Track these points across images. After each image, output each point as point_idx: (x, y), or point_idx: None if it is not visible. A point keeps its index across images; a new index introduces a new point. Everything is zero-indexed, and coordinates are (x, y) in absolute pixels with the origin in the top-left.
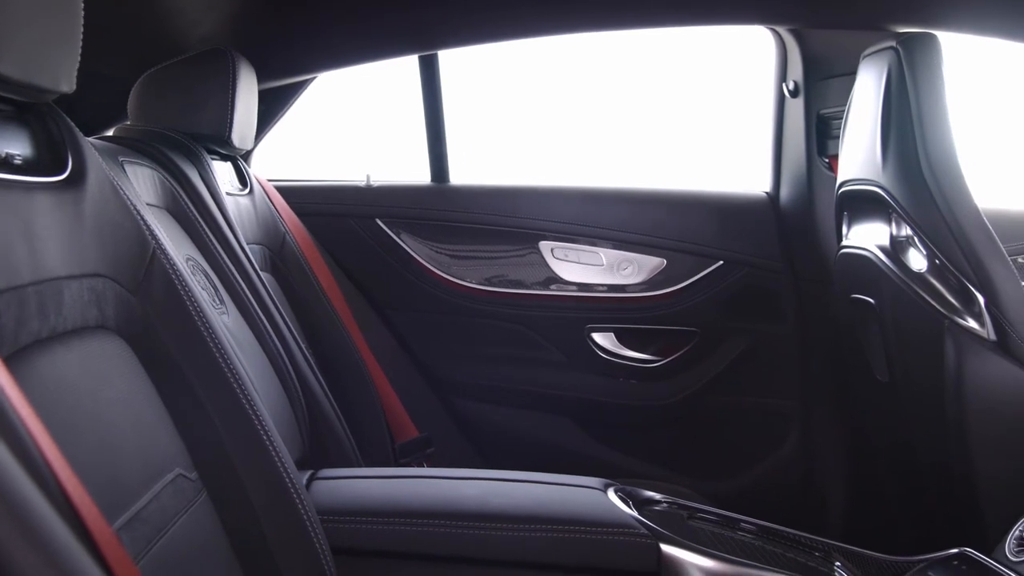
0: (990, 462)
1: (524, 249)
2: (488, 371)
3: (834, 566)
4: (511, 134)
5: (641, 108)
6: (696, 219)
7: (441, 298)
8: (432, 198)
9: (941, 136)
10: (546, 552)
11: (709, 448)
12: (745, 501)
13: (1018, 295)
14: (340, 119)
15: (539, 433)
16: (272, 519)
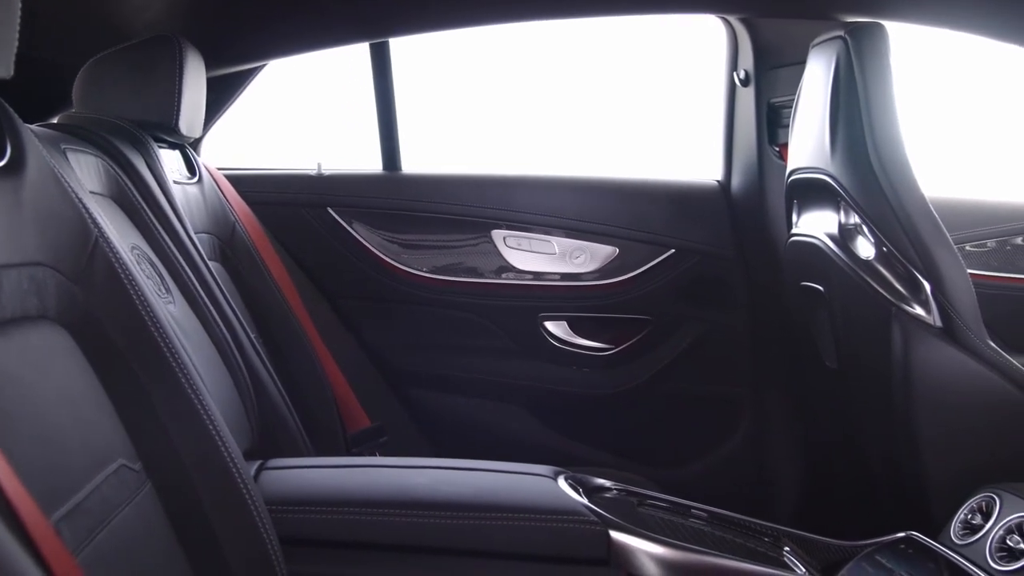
0: (936, 447)
1: (477, 238)
2: (441, 360)
3: (783, 551)
4: (463, 123)
5: (594, 97)
6: (648, 207)
7: (393, 287)
8: (384, 186)
9: (888, 125)
10: (496, 540)
11: (662, 436)
12: (698, 488)
13: (964, 282)
14: (291, 107)
15: (492, 421)
16: (219, 510)
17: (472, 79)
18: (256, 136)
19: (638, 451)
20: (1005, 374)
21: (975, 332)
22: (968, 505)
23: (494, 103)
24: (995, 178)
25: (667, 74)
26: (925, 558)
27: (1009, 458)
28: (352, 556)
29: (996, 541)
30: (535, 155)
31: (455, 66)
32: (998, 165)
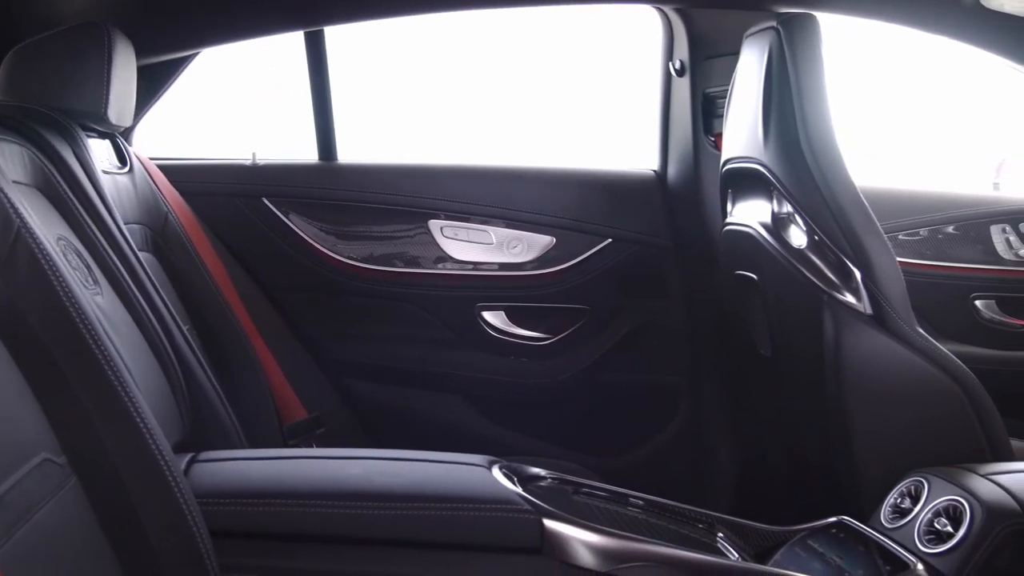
0: (866, 433)
1: (413, 228)
2: (378, 350)
3: (717, 537)
4: (401, 112)
5: (531, 87)
6: (585, 197)
7: (330, 278)
8: (320, 177)
9: (820, 115)
10: (429, 530)
11: (600, 425)
12: (636, 476)
13: (893, 270)
14: (225, 96)
15: (430, 412)
16: (146, 503)
17: (409, 69)
18: (190, 126)
19: (576, 440)
20: (933, 360)
21: (904, 319)
22: (898, 489)
23: (431, 94)
24: (927, 168)
25: (603, 64)
26: (856, 542)
27: (937, 443)
28: (284, 548)
29: (924, 524)
30: (472, 145)
31: (392, 56)
32: (930, 155)
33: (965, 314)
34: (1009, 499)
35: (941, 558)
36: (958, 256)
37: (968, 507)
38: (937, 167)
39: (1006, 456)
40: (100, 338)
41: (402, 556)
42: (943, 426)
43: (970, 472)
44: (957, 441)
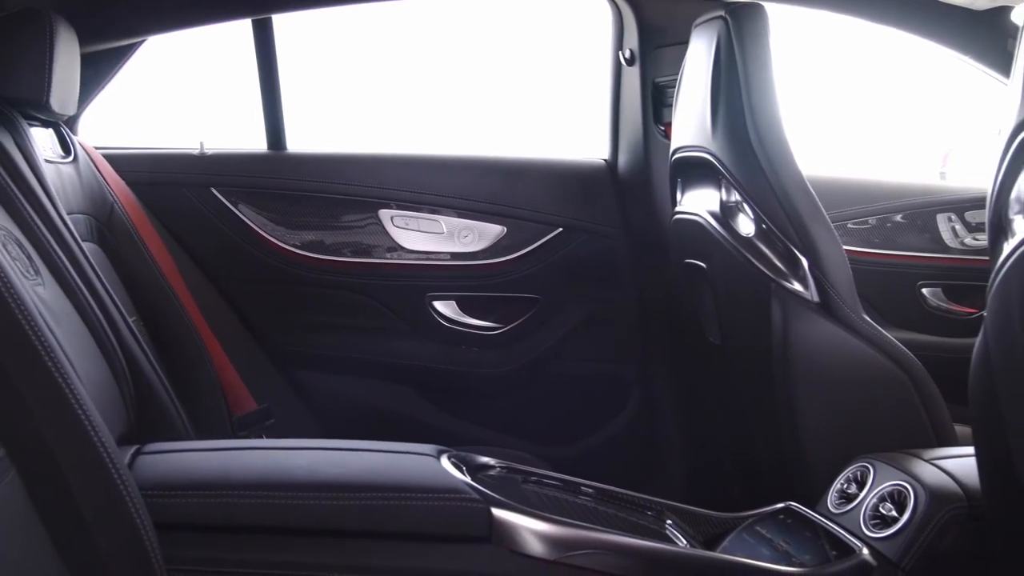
0: (814, 420)
1: (364, 217)
2: (329, 341)
3: (665, 524)
4: (350, 101)
5: (482, 76)
6: (536, 187)
7: (280, 268)
8: (269, 166)
9: (768, 104)
10: (376, 520)
11: (552, 414)
12: (588, 465)
13: (839, 258)
14: (173, 85)
15: (381, 402)
16: (88, 496)
17: (358, 58)
18: (137, 114)
19: (528, 429)
20: (879, 347)
21: (851, 306)
22: (844, 475)
23: (381, 82)
24: (876, 158)
25: (554, 54)
26: (803, 527)
27: (883, 428)
28: (230, 540)
29: (869, 509)
30: (422, 134)
31: (342, 44)
32: (878, 145)
33: (912, 302)
34: (952, 483)
35: (886, 542)
36: (906, 244)
37: (912, 491)
38: (885, 157)
39: (950, 441)
40: (40, 329)
41: (349, 546)
42: (889, 412)
43: (914, 457)
44: (902, 427)
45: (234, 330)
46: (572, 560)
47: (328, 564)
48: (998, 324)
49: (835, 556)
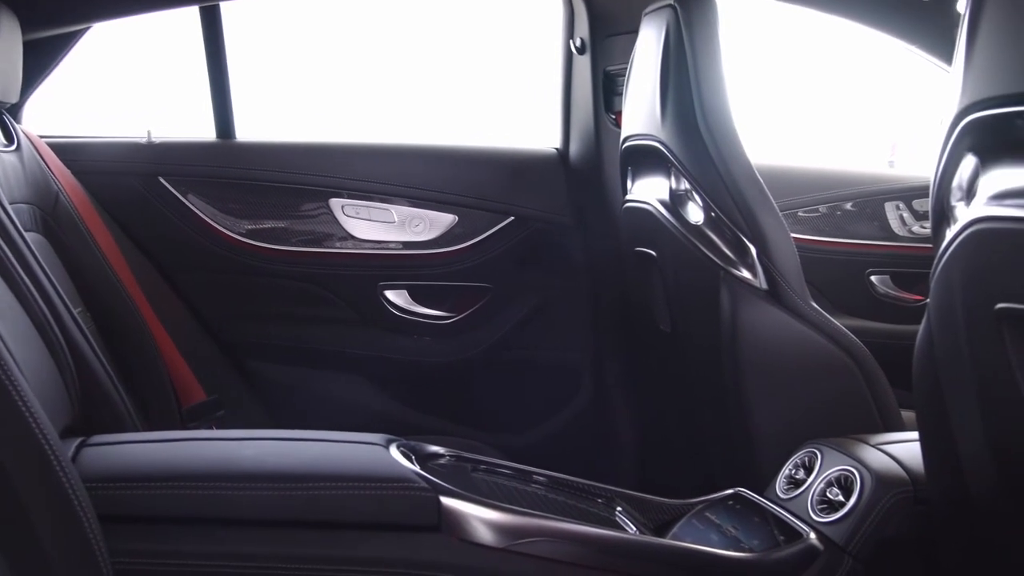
0: (762, 406)
1: (315, 207)
2: (280, 331)
3: (616, 511)
4: (302, 89)
5: (432, 65)
6: (487, 175)
7: (230, 258)
8: (218, 155)
9: (716, 93)
10: (324, 510)
11: (504, 403)
12: (540, 453)
13: (787, 246)
14: (119, 72)
15: (333, 392)
16: (30, 489)
17: (309, 45)
18: (82, 102)
19: (481, 419)
20: (827, 334)
21: (799, 294)
22: (792, 461)
23: (332, 70)
24: (826, 147)
25: (505, 43)
26: (752, 513)
27: (830, 414)
28: (176, 531)
29: (817, 494)
30: (374, 123)
31: (292, 32)
32: (829, 135)
33: (861, 289)
34: (898, 468)
35: (833, 526)
36: (855, 232)
37: (859, 476)
38: (835, 146)
39: (897, 426)
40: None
41: (296, 536)
42: (836, 398)
43: (861, 442)
44: (850, 412)
45: (183, 321)
46: (521, 548)
47: (275, 555)
48: (941, 310)
49: (783, 541)
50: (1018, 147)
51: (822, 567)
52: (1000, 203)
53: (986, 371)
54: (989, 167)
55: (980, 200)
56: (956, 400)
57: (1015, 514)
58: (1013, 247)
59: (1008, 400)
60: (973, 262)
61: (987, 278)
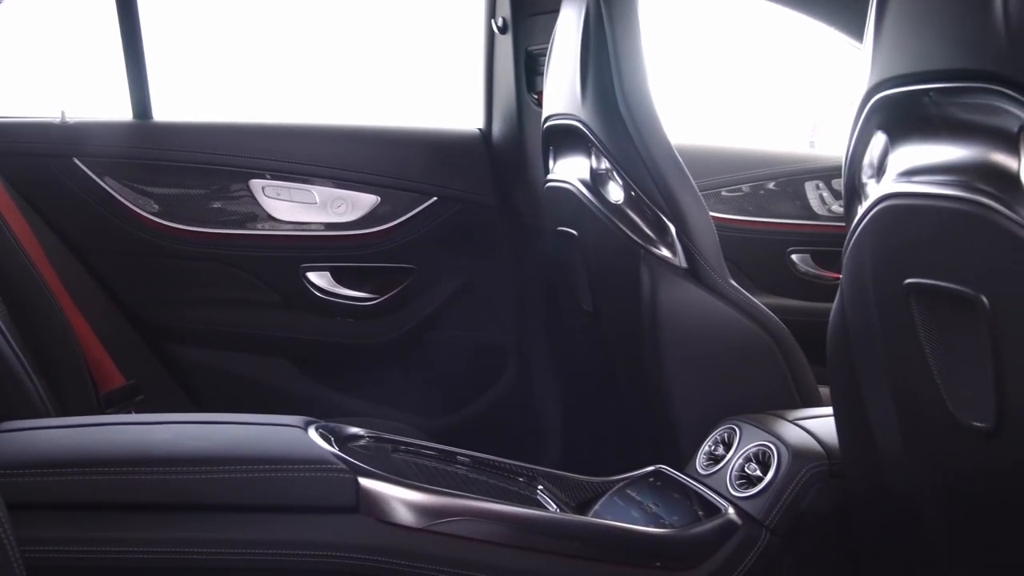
0: (683, 383)
1: (235, 188)
2: (200, 314)
3: (537, 489)
4: (220, 68)
5: (354, 45)
6: (410, 156)
7: (149, 241)
8: (135, 136)
9: (636, 72)
10: (240, 493)
11: (429, 384)
12: (466, 434)
13: (706, 224)
14: (30, 51)
15: (255, 376)
16: None
17: (227, 23)
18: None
19: (406, 400)
20: (745, 311)
21: (718, 272)
22: (712, 437)
23: (251, 49)
24: (749, 127)
25: (427, 23)
26: (672, 489)
27: (749, 391)
28: (88, 518)
29: (736, 470)
30: (295, 104)
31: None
32: (752, 115)
33: (782, 267)
34: (814, 442)
35: (751, 501)
36: (777, 212)
37: (776, 451)
38: (758, 127)
39: (815, 402)
40: None
41: (213, 520)
42: (755, 375)
43: (779, 418)
44: (768, 389)
45: (101, 305)
46: (440, 528)
47: (191, 539)
48: (853, 286)
49: (702, 516)
50: (925, 124)
51: (740, 541)
52: (908, 179)
53: (896, 345)
54: (898, 144)
55: (889, 177)
56: (867, 374)
57: (924, 486)
58: (920, 223)
59: (916, 372)
60: (883, 238)
61: (896, 254)
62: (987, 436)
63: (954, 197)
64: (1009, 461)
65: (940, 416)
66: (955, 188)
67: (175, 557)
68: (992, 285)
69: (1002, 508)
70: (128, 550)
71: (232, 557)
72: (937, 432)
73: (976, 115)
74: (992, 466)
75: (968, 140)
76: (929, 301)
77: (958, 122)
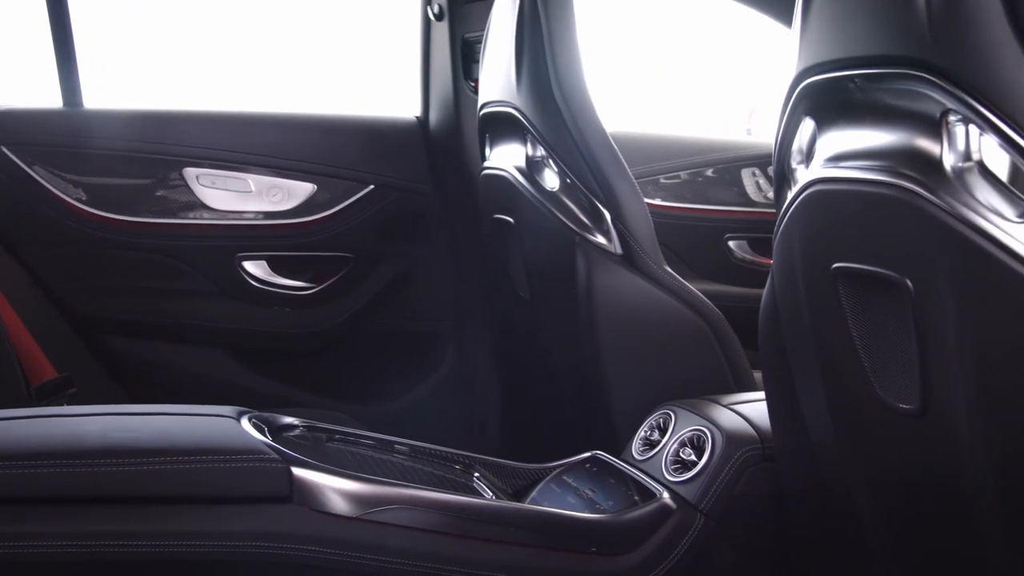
0: (619, 370)
1: (168, 176)
2: (134, 305)
3: (473, 477)
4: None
5: (290, 33)
6: (347, 144)
7: (81, 231)
8: (66, 124)
9: (571, 60)
10: (171, 484)
11: (368, 373)
12: (405, 423)
13: (641, 211)
14: None
15: (192, 367)
16: None
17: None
18: None
19: (345, 390)
20: (680, 298)
21: (652, 258)
22: (648, 423)
23: (184, 35)
24: (687, 114)
25: (362, 9)
26: (608, 475)
27: (685, 376)
28: (15, 513)
29: (671, 455)
30: (229, 91)
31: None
32: (689, 103)
33: (720, 254)
34: (747, 426)
35: (686, 485)
36: (715, 198)
37: (710, 436)
38: (696, 114)
39: (749, 386)
40: None
41: (144, 513)
42: (690, 360)
43: (714, 403)
44: (704, 374)
45: (31, 297)
46: (374, 516)
47: (122, 532)
48: (783, 271)
49: (638, 501)
50: (851, 110)
51: (675, 525)
52: (835, 165)
53: (824, 329)
54: (825, 130)
55: (817, 162)
56: (798, 359)
57: (854, 469)
58: (847, 208)
59: (844, 356)
60: (810, 223)
61: (823, 239)
62: (913, 417)
63: (879, 182)
64: (934, 440)
65: (868, 399)
66: (880, 173)
67: (104, 551)
68: (916, 269)
69: (929, 489)
70: (56, 544)
71: (162, 549)
72: (865, 415)
73: (900, 101)
74: (918, 447)
75: (892, 126)
76: (856, 285)
77: (883, 108)
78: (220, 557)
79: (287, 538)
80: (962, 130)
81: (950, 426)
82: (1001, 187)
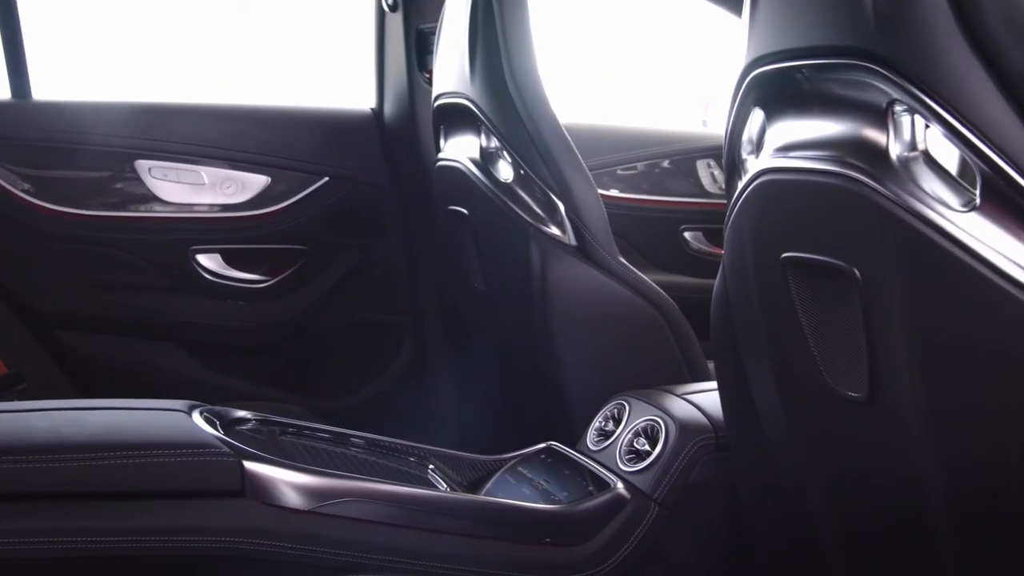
0: (573, 360)
1: (119, 169)
2: (86, 299)
3: (428, 469)
4: (103, 46)
5: (245, 24)
6: (300, 136)
7: (31, 225)
8: (14, 116)
9: (524, 52)
10: (122, 479)
11: (324, 366)
12: (362, 416)
13: (595, 202)
14: None
15: (145, 361)
16: None
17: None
18: None
19: (300, 383)
20: (634, 288)
21: (607, 249)
22: (602, 413)
23: (136, 25)
24: (644, 106)
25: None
26: (563, 465)
27: (639, 366)
28: None
29: (625, 445)
30: (182, 82)
31: None
32: (647, 95)
33: (675, 245)
34: (700, 416)
35: (640, 475)
36: (670, 190)
37: (664, 426)
38: (652, 106)
39: (703, 377)
40: None
41: (95, 508)
42: (644, 351)
43: (668, 393)
44: (658, 364)
45: None
46: (327, 510)
47: (71, 529)
48: (733, 262)
49: (593, 491)
50: (799, 100)
51: (629, 514)
52: (784, 155)
53: (774, 319)
54: (774, 120)
55: (766, 152)
56: (749, 348)
57: (805, 456)
58: (795, 198)
59: (794, 345)
60: (760, 213)
61: (773, 229)
62: (861, 406)
63: (826, 172)
64: (882, 428)
65: (818, 388)
66: (827, 163)
67: (53, 547)
68: (863, 258)
69: (877, 477)
70: (4, 542)
71: (113, 545)
72: (816, 404)
73: (847, 91)
74: (867, 435)
75: (840, 116)
76: (805, 275)
77: (830, 98)
78: (172, 552)
79: (239, 532)
80: (908, 120)
81: (897, 413)
82: (947, 177)
